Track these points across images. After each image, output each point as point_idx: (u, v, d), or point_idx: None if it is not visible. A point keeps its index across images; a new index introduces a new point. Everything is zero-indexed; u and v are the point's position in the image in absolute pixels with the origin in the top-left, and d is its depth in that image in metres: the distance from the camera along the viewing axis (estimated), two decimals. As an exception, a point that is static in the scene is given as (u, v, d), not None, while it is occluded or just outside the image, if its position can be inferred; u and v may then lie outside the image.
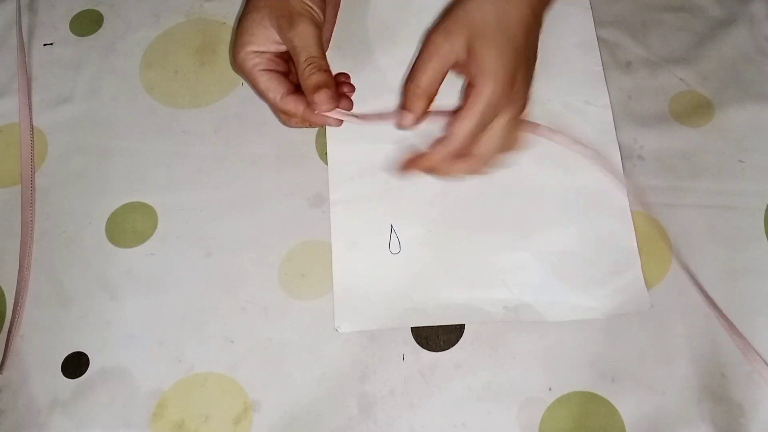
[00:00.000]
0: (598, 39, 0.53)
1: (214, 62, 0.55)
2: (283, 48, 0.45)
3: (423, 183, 0.50)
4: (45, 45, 0.57)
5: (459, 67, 0.41)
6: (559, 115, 0.51)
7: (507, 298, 0.47)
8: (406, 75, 0.43)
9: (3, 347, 0.47)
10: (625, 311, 0.46)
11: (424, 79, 0.40)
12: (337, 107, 0.45)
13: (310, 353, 0.46)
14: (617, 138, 0.50)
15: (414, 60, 0.42)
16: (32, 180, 0.52)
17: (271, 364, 0.46)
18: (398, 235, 0.49)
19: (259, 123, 0.53)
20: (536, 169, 0.50)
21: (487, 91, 0.39)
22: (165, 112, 0.54)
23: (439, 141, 0.41)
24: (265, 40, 0.44)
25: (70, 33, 0.57)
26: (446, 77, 0.42)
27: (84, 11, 0.58)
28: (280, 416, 0.45)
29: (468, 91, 0.40)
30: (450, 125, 0.40)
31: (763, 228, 0.48)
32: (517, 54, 0.40)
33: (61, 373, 0.46)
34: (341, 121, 0.46)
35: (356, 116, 0.46)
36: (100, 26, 0.58)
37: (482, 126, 0.40)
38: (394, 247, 0.48)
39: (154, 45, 0.56)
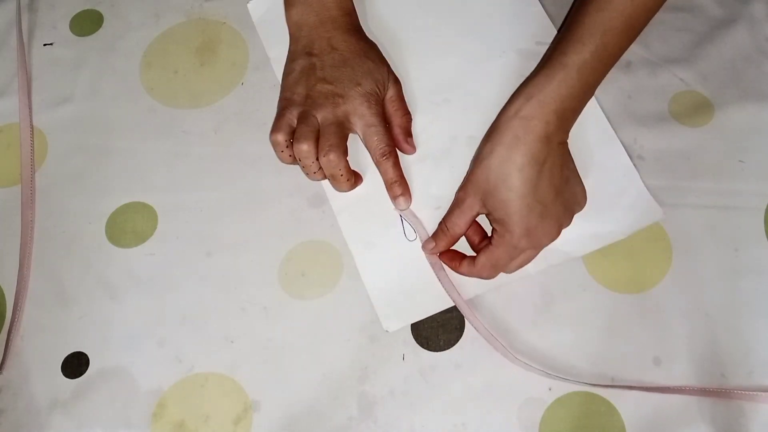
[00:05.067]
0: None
1: (214, 62, 0.55)
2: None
3: (417, 167, 0.50)
4: (45, 45, 0.57)
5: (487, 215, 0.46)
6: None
7: None
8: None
9: (3, 347, 0.47)
10: (642, 225, 0.48)
11: (450, 224, 0.46)
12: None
13: (310, 353, 0.46)
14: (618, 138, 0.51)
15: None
16: (32, 180, 0.52)
17: (271, 364, 0.46)
18: (409, 221, 0.49)
19: (259, 123, 0.53)
20: None
21: (503, 240, 0.44)
22: (165, 112, 0.54)
23: (469, 259, 0.46)
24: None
25: (70, 33, 0.57)
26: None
27: (84, 11, 0.58)
28: (280, 416, 0.45)
29: (493, 233, 0.45)
30: (477, 254, 0.45)
31: (763, 228, 0.48)
32: (524, 201, 0.43)
33: (61, 373, 0.46)
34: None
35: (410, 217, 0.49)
36: (100, 26, 0.58)
37: (503, 262, 0.45)
38: (410, 234, 0.49)
39: (154, 45, 0.56)
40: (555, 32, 0.54)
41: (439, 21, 0.55)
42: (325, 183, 0.50)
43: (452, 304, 0.47)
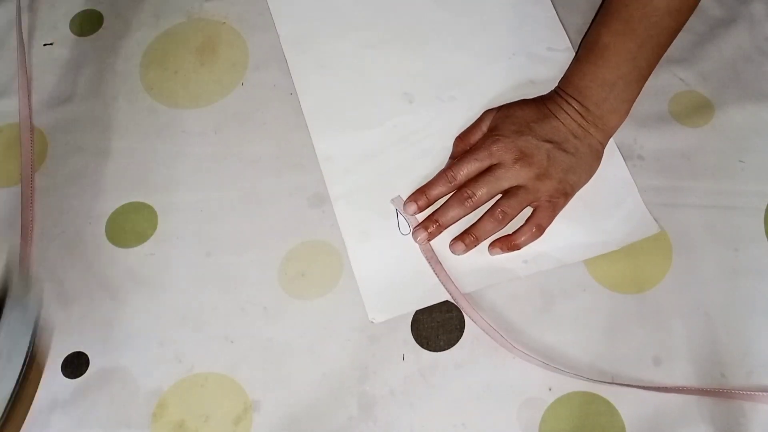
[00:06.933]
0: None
1: (214, 62, 0.55)
2: None
3: (417, 164, 0.50)
4: (45, 45, 0.57)
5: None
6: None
7: (523, 252, 0.47)
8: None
9: (3, 347, 0.47)
10: (635, 238, 0.47)
11: (455, 169, 0.48)
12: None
13: (310, 353, 0.46)
14: (616, 138, 0.51)
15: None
16: (32, 180, 0.52)
17: (271, 364, 0.46)
18: (404, 216, 0.49)
19: (259, 123, 0.53)
20: None
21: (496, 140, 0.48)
22: (165, 112, 0.54)
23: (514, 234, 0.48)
24: None
25: (70, 33, 0.57)
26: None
27: (84, 11, 0.58)
28: (280, 416, 0.45)
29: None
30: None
31: (763, 228, 0.48)
32: (521, 110, 0.49)
33: (61, 373, 0.46)
34: None
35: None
36: (100, 26, 0.58)
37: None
38: (404, 228, 0.49)
39: (154, 45, 0.56)
40: (566, 39, 0.54)
41: (453, 18, 0.55)
42: (327, 176, 0.50)
43: (441, 299, 0.47)
